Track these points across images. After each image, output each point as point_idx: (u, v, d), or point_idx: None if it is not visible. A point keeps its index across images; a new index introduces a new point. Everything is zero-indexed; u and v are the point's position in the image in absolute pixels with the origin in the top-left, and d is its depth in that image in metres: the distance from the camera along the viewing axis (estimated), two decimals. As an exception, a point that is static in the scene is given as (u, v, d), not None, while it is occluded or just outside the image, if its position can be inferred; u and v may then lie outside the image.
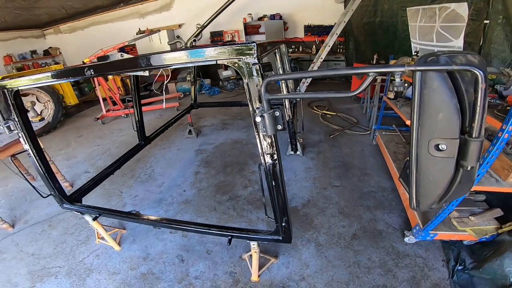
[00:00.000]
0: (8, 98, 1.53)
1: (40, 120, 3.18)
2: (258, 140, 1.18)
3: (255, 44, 1.01)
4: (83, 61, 8.58)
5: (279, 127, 1.05)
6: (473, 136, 0.66)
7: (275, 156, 1.21)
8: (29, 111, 5.75)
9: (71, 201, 2.06)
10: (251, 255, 2.03)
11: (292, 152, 3.62)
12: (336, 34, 4.64)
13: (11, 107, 1.56)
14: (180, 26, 8.13)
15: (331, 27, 5.12)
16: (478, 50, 2.77)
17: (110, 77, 5.72)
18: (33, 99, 5.70)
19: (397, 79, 0.70)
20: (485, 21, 2.67)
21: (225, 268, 2.09)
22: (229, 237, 1.60)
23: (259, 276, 1.98)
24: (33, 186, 1.93)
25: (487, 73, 0.60)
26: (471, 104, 0.64)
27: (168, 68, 1.17)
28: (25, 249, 2.54)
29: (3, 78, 1.88)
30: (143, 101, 6.36)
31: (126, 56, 1.57)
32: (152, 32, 6.13)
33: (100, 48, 5.26)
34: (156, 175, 3.49)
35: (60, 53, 9.12)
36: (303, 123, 4.48)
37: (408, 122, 2.40)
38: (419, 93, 0.67)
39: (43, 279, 2.20)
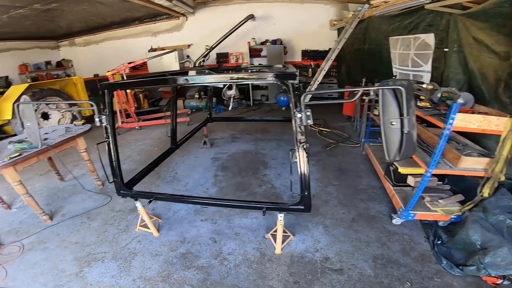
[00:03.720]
0: (106, 98, 2.04)
1: (83, 124, 3.53)
2: (294, 130, 1.78)
3: (297, 73, 1.65)
4: (94, 74, 9.11)
5: (309, 121, 1.66)
6: (404, 116, 1.32)
7: (305, 140, 1.81)
8: (50, 115, 6.09)
9: (128, 187, 2.50)
10: (272, 234, 2.53)
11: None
12: (331, 59, 5.34)
13: (107, 105, 2.06)
14: (189, 46, 8.65)
15: (326, 51, 5.67)
16: (441, 73, 3.14)
17: (129, 91, 6.25)
18: (52, 107, 6.06)
19: (371, 93, 1.49)
20: (445, 49, 3.07)
21: (253, 245, 2.55)
22: (264, 209, 2.12)
23: (281, 249, 2.45)
24: (105, 173, 2.38)
25: (408, 89, 1.27)
26: (403, 102, 1.30)
27: (247, 82, 1.80)
28: (67, 239, 2.76)
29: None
30: (156, 115, 6.89)
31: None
32: (171, 50, 6.73)
33: (119, 62, 5.86)
34: (180, 177, 3.99)
35: (72, 65, 9.39)
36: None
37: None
38: (382, 98, 1.37)
39: (90, 263, 2.42)
